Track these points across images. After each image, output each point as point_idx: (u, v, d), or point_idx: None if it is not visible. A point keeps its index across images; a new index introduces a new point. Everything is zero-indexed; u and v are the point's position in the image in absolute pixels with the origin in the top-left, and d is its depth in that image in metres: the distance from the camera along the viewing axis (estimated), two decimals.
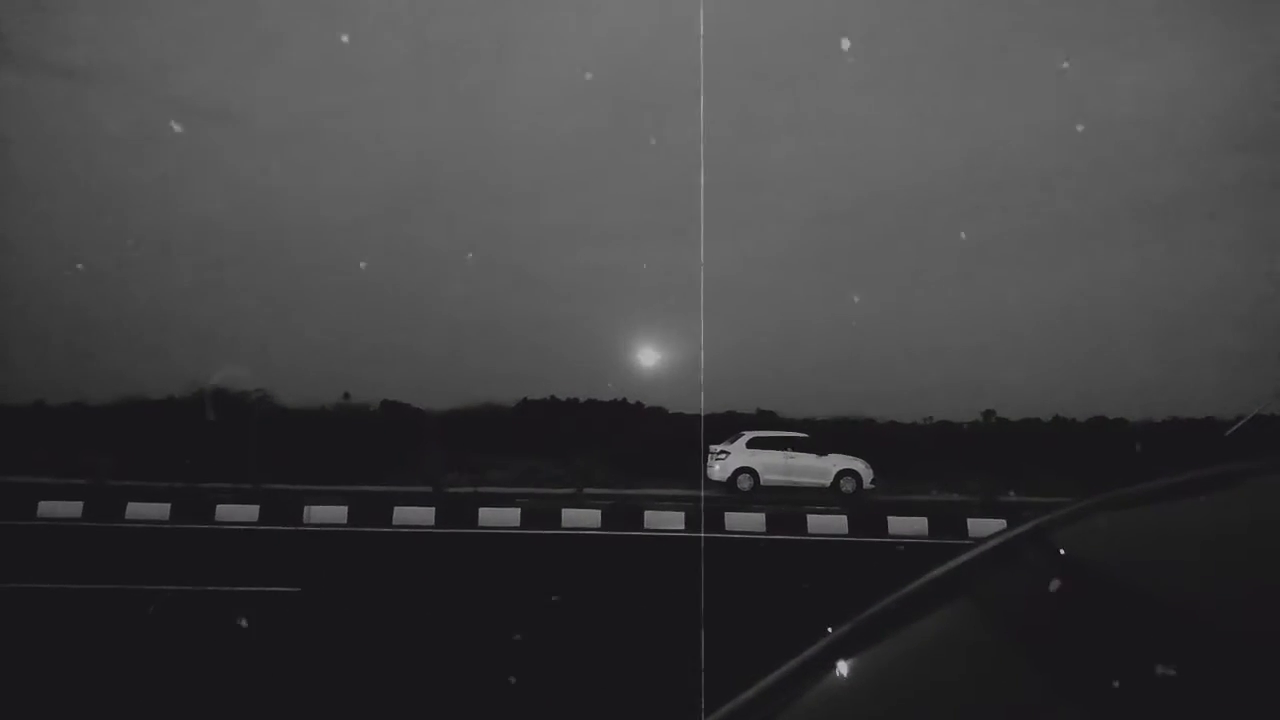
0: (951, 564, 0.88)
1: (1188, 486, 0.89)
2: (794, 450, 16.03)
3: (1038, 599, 0.75)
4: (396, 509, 12.16)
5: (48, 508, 11.83)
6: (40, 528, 11.08)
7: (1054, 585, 0.74)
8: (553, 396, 25.55)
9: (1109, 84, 29.70)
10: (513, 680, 4.88)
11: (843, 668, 0.82)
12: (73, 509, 11.81)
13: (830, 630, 0.86)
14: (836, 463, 16.07)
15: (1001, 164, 30.17)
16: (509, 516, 12.16)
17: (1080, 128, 28.43)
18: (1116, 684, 0.58)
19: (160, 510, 11.89)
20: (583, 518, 12.17)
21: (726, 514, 12.30)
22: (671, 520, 12.14)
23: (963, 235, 29.86)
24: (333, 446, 16.98)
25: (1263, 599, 0.61)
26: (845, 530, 11.85)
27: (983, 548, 0.89)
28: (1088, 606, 0.69)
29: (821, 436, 16.89)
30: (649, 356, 21.57)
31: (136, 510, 11.86)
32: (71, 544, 9.95)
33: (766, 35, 31.24)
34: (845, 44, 29.93)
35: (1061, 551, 0.78)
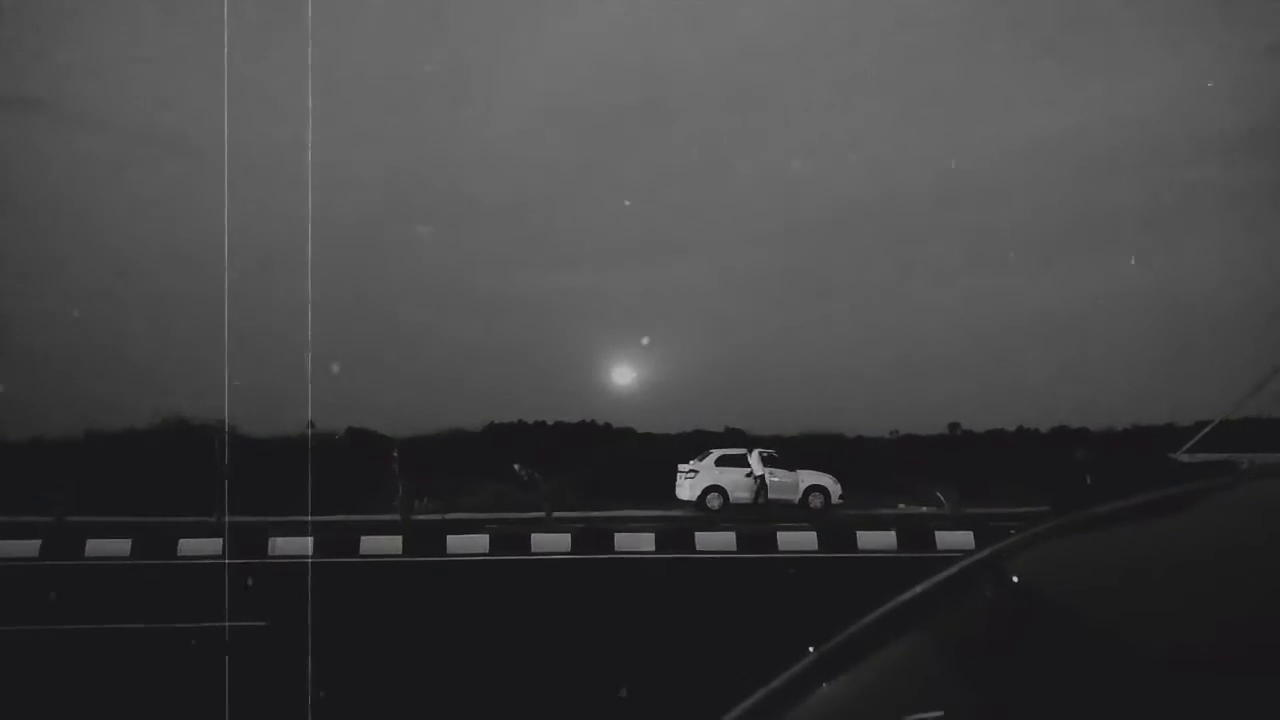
0: (908, 595, 0.90)
1: (1140, 510, 0.90)
2: (761, 468, 16.14)
3: (991, 629, 0.77)
4: (364, 538, 12.04)
5: (3, 547, 11.52)
6: None
7: (1007, 614, 0.76)
8: (520, 420, 25.47)
9: (1056, 94, 30.68)
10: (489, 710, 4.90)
11: (802, 702, 0.84)
12: (30, 548, 11.50)
13: (803, 655, 0.88)
14: (805, 479, 16.22)
15: (963, 179, 30.93)
16: (478, 543, 12.09)
17: (1032, 142, 29.33)
18: (1068, 713, 0.59)
19: (121, 546, 11.62)
20: (553, 542, 12.15)
21: (696, 533, 12.35)
22: (642, 542, 12.16)
23: (926, 251, 30.52)
24: (297, 476, 16.72)
25: (1217, 623, 0.61)
26: (815, 547, 11.95)
27: (938, 577, 0.90)
28: (1040, 635, 0.70)
29: (790, 453, 17.05)
30: (620, 376, 21.66)
31: (96, 547, 11.60)
32: (29, 583, 9.70)
33: (733, 52, 31.78)
34: (811, 58, 30.57)
35: (1015, 579, 0.79)
